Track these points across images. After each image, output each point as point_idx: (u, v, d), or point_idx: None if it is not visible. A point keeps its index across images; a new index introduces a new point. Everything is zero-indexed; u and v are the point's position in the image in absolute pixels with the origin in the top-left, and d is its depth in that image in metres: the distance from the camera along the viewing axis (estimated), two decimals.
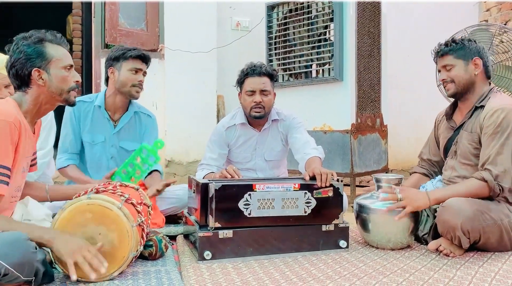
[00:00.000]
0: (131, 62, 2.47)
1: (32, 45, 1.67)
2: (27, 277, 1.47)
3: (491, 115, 2.05)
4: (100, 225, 1.65)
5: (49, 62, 1.69)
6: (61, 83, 1.71)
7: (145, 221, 1.82)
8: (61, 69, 1.71)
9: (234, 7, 4.59)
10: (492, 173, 1.99)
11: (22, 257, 1.43)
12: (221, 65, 4.40)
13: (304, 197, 2.02)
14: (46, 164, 2.57)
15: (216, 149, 2.62)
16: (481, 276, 1.72)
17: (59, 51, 1.72)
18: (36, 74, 1.67)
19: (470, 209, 1.91)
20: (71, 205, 1.67)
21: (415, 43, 4.74)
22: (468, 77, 2.16)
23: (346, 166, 3.45)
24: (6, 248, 1.41)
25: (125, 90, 2.47)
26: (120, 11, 4.02)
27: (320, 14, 3.57)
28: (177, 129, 4.22)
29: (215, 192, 1.91)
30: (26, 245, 1.46)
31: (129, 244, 1.66)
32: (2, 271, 1.39)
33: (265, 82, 2.51)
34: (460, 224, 1.90)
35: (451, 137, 2.26)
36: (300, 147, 2.49)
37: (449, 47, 2.19)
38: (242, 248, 1.95)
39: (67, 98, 1.74)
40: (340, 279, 1.71)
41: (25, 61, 1.65)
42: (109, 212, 1.66)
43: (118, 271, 1.66)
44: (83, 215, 1.65)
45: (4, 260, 1.39)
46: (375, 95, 3.67)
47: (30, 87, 1.68)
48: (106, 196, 1.71)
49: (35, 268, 1.49)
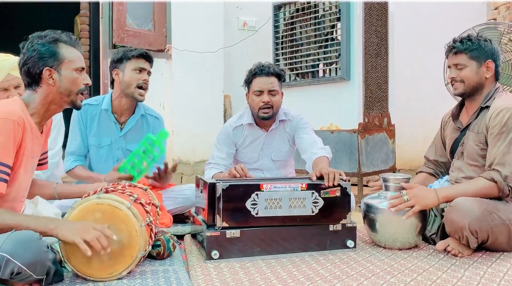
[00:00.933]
0: (134, 62, 2.47)
1: (46, 44, 1.68)
2: (38, 276, 1.49)
3: (497, 115, 2.04)
4: (110, 225, 1.66)
5: (61, 63, 1.70)
6: (70, 85, 1.72)
7: (154, 221, 1.83)
8: (72, 71, 1.72)
9: (241, 7, 4.59)
10: (502, 174, 1.98)
11: (35, 256, 1.45)
12: (228, 65, 4.40)
13: (311, 197, 2.01)
14: (55, 164, 2.60)
15: (224, 148, 2.63)
16: (490, 277, 1.71)
17: (72, 53, 1.73)
18: (47, 73, 1.68)
19: (478, 209, 1.90)
20: (81, 205, 1.69)
21: (422, 42, 4.72)
22: (478, 79, 2.12)
23: (353, 166, 3.44)
24: (19, 248, 1.43)
25: (130, 91, 2.46)
26: (127, 12, 4.04)
27: (327, 13, 3.57)
28: (184, 129, 4.23)
29: (222, 191, 1.92)
30: (38, 244, 1.48)
31: (138, 243, 1.67)
32: (15, 270, 1.42)
33: (273, 82, 2.51)
34: (468, 224, 1.88)
35: (458, 138, 2.24)
36: (307, 147, 2.49)
37: (464, 45, 2.12)
38: (250, 248, 1.96)
39: (74, 101, 1.75)
40: (348, 279, 1.70)
41: (37, 60, 1.66)
42: (119, 212, 1.67)
43: (126, 270, 1.68)
44: (92, 214, 1.67)
45: (17, 259, 1.41)
46: (382, 95, 3.66)
47: (40, 86, 1.69)
48: (115, 195, 1.73)
49: (47, 267, 1.51)
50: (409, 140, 4.65)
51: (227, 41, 4.40)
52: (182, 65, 4.22)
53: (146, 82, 2.49)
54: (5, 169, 1.57)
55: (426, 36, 4.72)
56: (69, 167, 2.52)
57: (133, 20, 4.07)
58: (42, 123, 1.76)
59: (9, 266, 1.41)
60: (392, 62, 3.71)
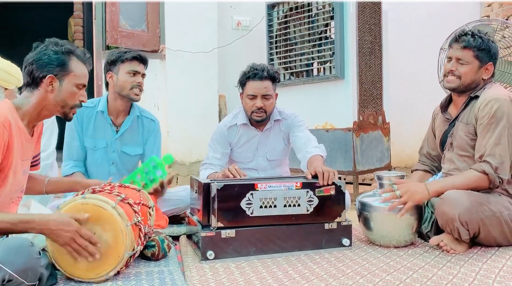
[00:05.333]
0: (128, 64, 2.45)
1: (59, 53, 1.70)
2: (30, 283, 1.48)
3: (485, 105, 2.03)
4: (95, 225, 1.65)
5: (66, 74, 1.71)
6: (68, 97, 1.73)
7: (143, 221, 1.80)
8: (74, 85, 1.73)
9: (234, 7, 4.59)
10: (492, 165, 1.98)
11: (26, 263, 1.44)
12: (222, 64, 4.39)
13: (306, 195, 2.01)
14: (49, 165, 2.58)
15: (218, 148, 2.62)
16: (485, 273, 1.71)
17: (80, 69, 1.75)
18: (49, 80, 1.68)
19: (468, 200, 1.91)
20: (67, 205, 1.68)
21: (417, 40, 4.73)
22: (475, 79, 2.11)
23: (348, 164, 3.44)
24: (10, 255, 1.42)
25: (125, 93, 2.45)
26: (120, 12, 4.02)
27: (320, 12, 3.57)
28: (179, 129, 4.22)
29: (217, 192, 1.91)
30: (29, 251, 1.47)
31: (124, 243, 1.64)
32: (6, 277, 1.40)
33: (267, 86, 2.49)
34: (458, 215, 1.89)
35: (447, 130, 2.23)
36: (302, 146, 2.49)
37: (475, 42, 2.07)
38: (245, 248, 1.95)
39: (67, 113, 1.76)
40: (344, 277, 1.70)
41: (45, 64, 1.68)
42: (103, 212, 1.66)
43: (114, 271, 1.66)
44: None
45: (7, 266, 1.40)
46: (376, 93, 3.66)
47: (38, 89, 1.70)
48: (101, 195, 1.72)
49: (39, 274, 1.50)
50: (404, 138, 4.66)
51: (221, 40, 4.39)
52: (176, 65, 4.21)
53: (140, 84, 2.47)
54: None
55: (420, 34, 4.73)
56: (67, 173, 2.49)
57: (126, 21, 4.06)
58: (32, 125, 1.75)
59: (0, 274, 1.39)
60: (386, 60, 3.71)
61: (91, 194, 1.74)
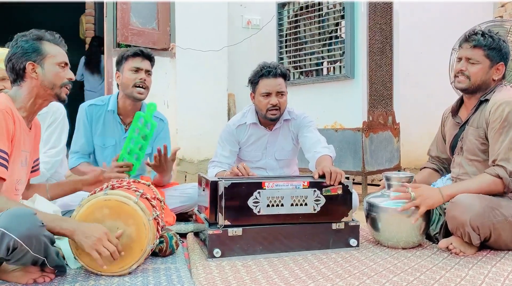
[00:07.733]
0: (131, 61, 2.45)
1: (30, 41, 1.76)
2: (36, 253, 1.49)
3: (496, 109, 2.01)
4: (118, 220, 1.69)
5: (43, 58, 1.76)
6: (54, 78, 1.78)
7: (160, 215, 1.86)
8: (55, 65, 1.78)
9: (244, 5, 4.58)
10: (507, 169, 1.95)
11: (29, 229, 1.45)
12: (232, 63, 4.40)
13: (313, 195, 2.01)
14: (59, 162, 2.61)
15: (227, 147, 2.63)
16: (494, 276, 1.69)
17: (55, 49, 1.80)
18: (30, 67, 1.74)
19: (480, 205, 1.88)
20: (89, 202, 1.71)
21: (428, 40, 4.69)
22: (486, 79, 2.08)
23: (357, 165, 3.43)
24: (14, 221, 1.44)
25: (128, 92, 2.45)
26: (131, 10, 4.03)
27: (331, 11, 3.55)
28: (188, 127, 4.23)
29: (224, 190, 1.91)
30: (33, 219, 1.48)
31: (147, 236, 1.69)
32: (11, 244, 1.42)
33: (281, 83, 2.49)
34: (469, 220, 1.87)
35: (457, 134, 2.21)
36: (311, 146, 2.48)
37: (485, 41, 2.04)
38: (252, 246, 1.95)
39: (58, 93, 1.80)
40: (350, 278, 1.69)
41: (21, 55, 1.73)
42: (126, 207, 1.69)
43: (137, 263, 1.70)
44: (100, 210, 1.69)
45: (12, 232, 1.42)
46: (387, 93, 3.64)
47: (24, 81, 1.75)
48: (122, 191, 1.75)
49: (43, 244, 1.50)
50: (414, 138, 4.62)
51: (231, 39, 4.39)
52: (186, 63, 4.22)
53: (143, 81, 2.44)
54: (3, 155, 1.61)
55: (431, 34, 4.69)
56: (73, 164, 2.54)
57: (137, 19, 4.07)
58: (29, 118, 1.80)
59: (5, 240, 1.42)
60: (396, 60, 3.68)
61: (111, 190, 1.77)
